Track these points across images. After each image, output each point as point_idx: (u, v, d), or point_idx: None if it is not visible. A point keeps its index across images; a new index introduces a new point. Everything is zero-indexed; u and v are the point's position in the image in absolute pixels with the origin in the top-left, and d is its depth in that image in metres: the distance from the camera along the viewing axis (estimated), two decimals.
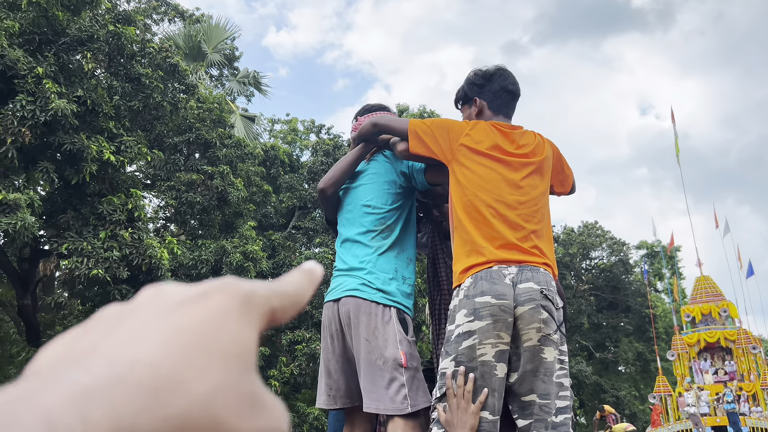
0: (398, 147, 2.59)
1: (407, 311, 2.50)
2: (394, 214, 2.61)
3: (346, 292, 2.50)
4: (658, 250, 33.78)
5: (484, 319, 2.11)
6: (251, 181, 15.29)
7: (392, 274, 2.51)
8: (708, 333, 21.72)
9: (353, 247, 2.61)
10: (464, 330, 2.13)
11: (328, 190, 2.75)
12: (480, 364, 2.11)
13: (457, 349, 2.13)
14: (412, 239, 2.67)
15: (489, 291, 2.14)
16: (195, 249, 12.67)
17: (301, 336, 15.09)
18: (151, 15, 16.93)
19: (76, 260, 9.67)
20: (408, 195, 2.67)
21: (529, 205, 2.32)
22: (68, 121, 9.32)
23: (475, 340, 2.11)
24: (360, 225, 2.63)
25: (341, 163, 2.76)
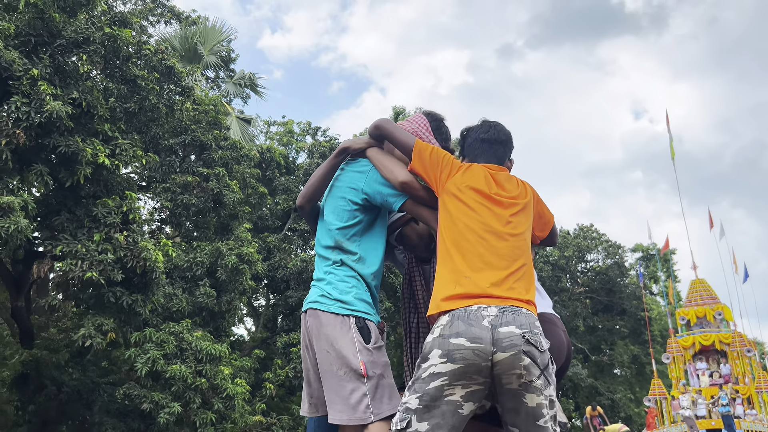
0: (395, 153, 2.58)
1: (369, 317, 2.47)
2: (351, 230, 2.58)
3: (309, 305, 2.53)
4: (653, 253, 33.84)
5: (456, 362, 2.08)
6: (247, 183, 15.27)
7: (352, 282, 2.50)
8: (703, 336, 21.75)
9: (318, 260, 2.65)
10: (436, 371, 2.11)
11: (304, 206, 2.77)
12: (445, 403, 2.11)
13: (424, 388, 2.12)
14: (376, 251, 2.62)
15: (464, 333, 2.10)
16: (190, 251, 12.65)
17: (296, 338, 15.07)
18: (147, 17, 16.89)
19: (70, 262, 9.63)
20: (369, 210, 2.61)
21: (518, 239, 2.33)
22: (63, 123, 9.28)
23: (444, 381, 2.10)
24: (323, 238, 2.64)
25: (313, 177, 2.76)
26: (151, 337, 10.67)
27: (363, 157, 2.65)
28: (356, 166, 2.65)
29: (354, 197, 2.58)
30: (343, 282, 2.50)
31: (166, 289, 11.27)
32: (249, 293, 14.30)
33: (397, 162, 2.56)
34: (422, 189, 2.48)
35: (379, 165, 2.55)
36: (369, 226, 2.62)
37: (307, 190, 2.75)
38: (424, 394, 2.12)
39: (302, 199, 2.77)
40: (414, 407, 2.13)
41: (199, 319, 12.77)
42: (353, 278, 2.52)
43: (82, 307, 11.65)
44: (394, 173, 2.48)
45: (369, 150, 2.62)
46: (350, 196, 2.59)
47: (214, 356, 11.02)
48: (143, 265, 10.14)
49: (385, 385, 2.37)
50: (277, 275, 16.41)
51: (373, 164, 2.59)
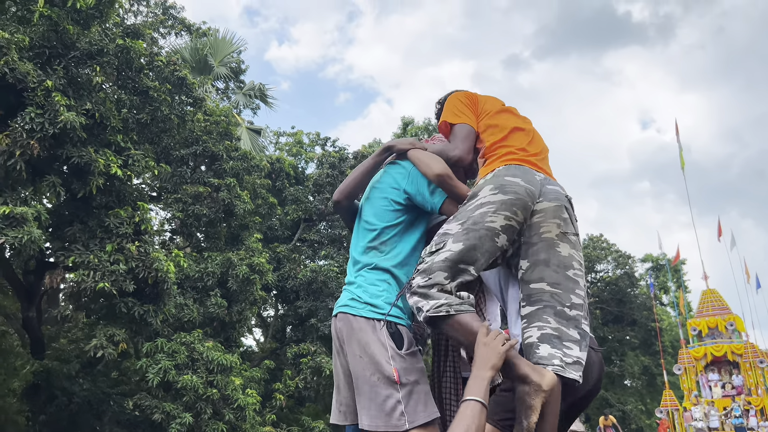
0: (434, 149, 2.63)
1: (401, 322, 2.41)
2: (393, 230, 2.54)
3: (340, 308, 2.48)
4: (663, 263, 33.65)
5: (507, 194, 2.21)
6: (257, 193, 15.30)
7: (383, 286, 2.44)
8: (715, 347, 21.57)
9: (351, 262, 2.61)
10: (485, 201, 2.23)
11: (341, 201, 2.71)
12: (485, 228, 2.19)
13: (468, 215, 2.23)
14: (411, 253, 2.56)
15: (520, 176, 2.28)
16: (201, 261, 12.66)
17: (306, 349, 15.04)
18: (158, 28, 17.02)
19: (82, 273, 9.66)
20: (411, 212, 2.57)
21: (538, 140, 2.62)
22: (76, 134, 9.33)
23: (490, 208, 2.21)
24: (360, 239, 2.60)
25: (354, 172, 2.73)
26: (162, 348, 10.66)
27: (405, 158, 2.64)
28: (398, 166, 2.64)
29: (396, 197, 2.56)
30: (374, 285, 2.45)
31: (177, 299, 11.28)
32: (259, 303, 14.29)
33: (435, 157, 2.53)
34: (458, 185, 2.46)
35: (417, 162, 2.54)
36: (409, 227, 2.58)
37: (345, 186, 2.71)
38: (467, 219, 2.21)
39: (340, 194, 2.71)
40: (453, 232, 2.21)
41: (210, 330, 12.76)
42: (384, 282, 2.46)
43: (93, 318, 11.67)
44: (430, 166, 2.47)
45: (411, 150, 2.60)
46: (392, 195, 2.57)
47: (226, 367, 11.00)
48: (155, 276, 10.16)
49: (420, 391, 2.30)
50: (287, 285, 16.39)
51: (412, 162, 2.57)
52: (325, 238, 18.06)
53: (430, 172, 2.46)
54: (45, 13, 9.46)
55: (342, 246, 17.48)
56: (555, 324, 2.17)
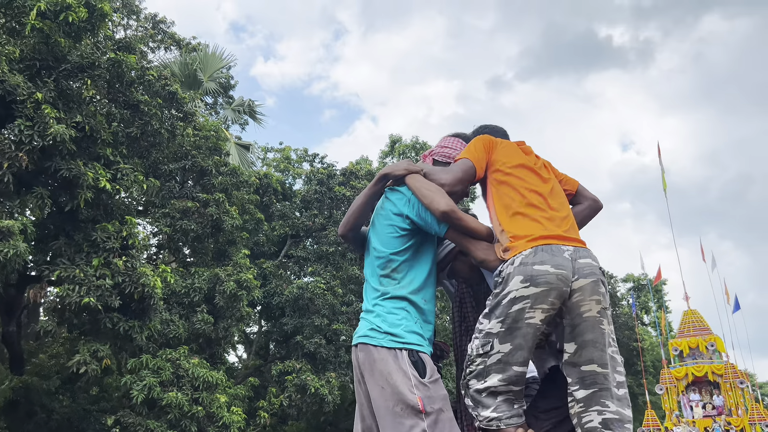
0: (433, 177, 2.60)
1: (422, 350, 2.41)
2: (401, 256, 2.54)
3: (359, 339, 2.48)
4: (645, 284, 33.93)
5: (540, 286, 2.18)
6: (245, 209, 15.23)
7: (401, 314, 2.45)
8: (696, 367, 21.74)
9: (367, 289, 2.61)
10: (518, 295, 2.20)
11: (347, 234, 2.75)
12: (525, 325, 2.20)
13: (505, 312, 2.21)
14: (426, 278, 2.57)
15: (549, 261, 2.22)
16: (188, 277, 12.54)
17: (291, 366, 14.90)
18: (148, 43, 16.98)
19: (67, 287, 9.52)
20: (417, 235, 2.58)
21: (561, 194, 2.58)
22: (66, 147, 9.25)
23: (527, 303, 2.19)
24: (372, 267, 2.61)
25: (354, 204, 2.74)
26: (147, 364, 10.52)
27: (403, 183, 2.63)
28: (397, 192, 2.64)
29: (400, 223, 2.56)
30: (392, 314, 2.45)
31: (163, 315, 11.15)
32: (246, 320, 14.16)
33: (437, 190, 2.50)
34: (463, 217, 2.46)
35: (418, 194, 2.51)
36: (418, 251, 2.59)
37: (348, 219, 2.73)
38: (506, 317, 2.21)
39: (344, 228, 2.74)
40: (496, 331, 2.22)
41: (196, 346, 12.62)
42: (402, 309, 2.46)
43: (76, 333, 11.49)
44: (434, 203, 2.44)
45: (408, 178, 2.59)
46: (396, 222, 2.57)
47: (211, 384, 10.87)
48: (141, 291, 10.04)
49: (445, 419, 2.30)
50: (273, 302, 16.27)
51: (413, 193, 2.55)
52: (311, 255, 17.97)
53: (435, 210, 2.44)
54: (36, 26, 9.40)
55: (329, 263, 17.41)
56: (615, 408, 2.22)
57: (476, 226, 2.49)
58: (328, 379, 14.66)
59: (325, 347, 15.48)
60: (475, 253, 2.47)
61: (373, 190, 2.70)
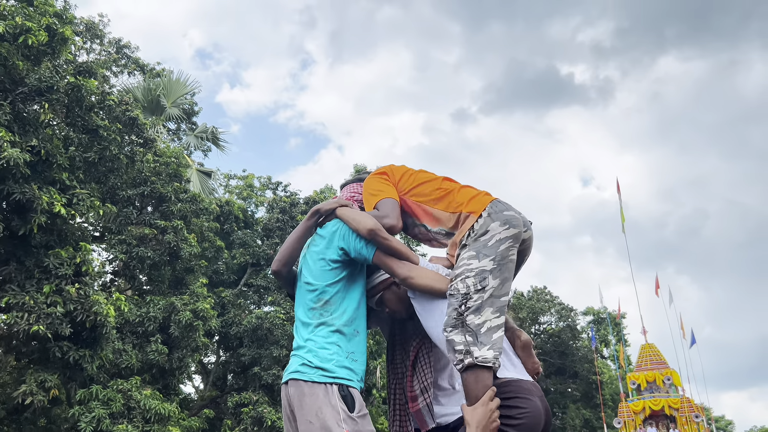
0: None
1: (352, 384, 2.46)
2: (333, 288, 2.59)
3: (290, 375, 2.50)
4: (604, 317, 34.39)
5: (516, 227, 2.53)
6: (204, 236, 15.06)
7: (333, 349, 2.49)
8: (653, 401, 22.00)
9: (299, 326, 2.64)
10: (503, 236, 2.51)
11: (281, 270, 2.79)
12: (510, 261, 2.51)
13: (496, 251, 2.48)
14: (357, 309, 2.64)
15: (512, 209, 2.62)
16: (143, 305, 12.29)
17: (248, 398, 14.64)
18: (111, 67, 16.85)
19: (16, 315, 9.24)
20: (348, 268, 2.65)
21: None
22: (20, 171, 9.06)
23: (510, 243, 2.51)
24: (303, 302, 2.65)
25: (288, 240, 2.80)
26: (97, 395, 10.21)
27: (334, 217, 2.73)
28: (328, 226, 2.71)
29: (332, 255, 2.62)
30: (323, 349, 2.48)
31: (115, 344, 10.88)
32: (202, 350, 13.89)
33: (363, 213, 2.64)
34: (389, 238, 2.58)
35: (347, 220, 2.64)
36: (349, 283, 2.65)
37: (282, 255, 2.78)
38: (497, 255, 2.48)
39: (277, 263, 2.78)
40: (490, 268, 2.45)
41: (149, 376, 12.30)
42: (334, 344, 2.50)
43: (24, 362, 11.12)
44: (360, 223, 2.57)
45: (338, 209, 2.72)
46: (328, 255, 2.63)
47: (163, 416, 10.59)
48: (94, 320, 9.80)
49: None
50: (231, 332, 16.01)
51: (343, 220, 2.66)
52: (272, 284, 17.79)
53: (362, 228, 2.55)
54: None
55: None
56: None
57: (401, 247, 2.59)
58: None
59: None
60: (398, 271, 2.55)
61: (306, 225, 2.78)
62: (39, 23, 9.83)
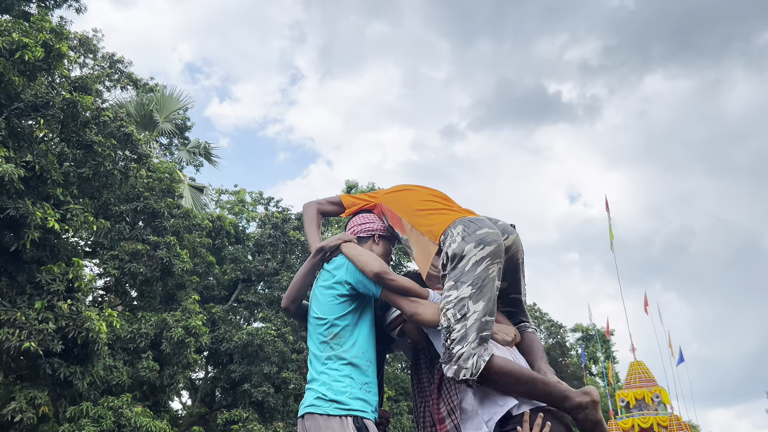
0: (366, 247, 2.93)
1: (366, 416, 2.51)
2: (342, 321, 2.65)
3: (306, 409, 2.56)
4: (593, 334, 34.49)
5: (491, 244, 2.51)
6: (196, 252, 15.01)
7: (346, 381, 2.55)
8: (642, 418, 22.01)
9: (312, 359, 2.70)
10: (478, 257, 2.49)
11: (289, 307, 2.87)
12: (491, 281, 2.48)
13: (473, 275, 2.46)
14: (367, 340, 2.70)
15: (485, 225, 2.59)
16: (134, 321, 12.21)
17: (237, 415, 14.52)
18: (104, 81, 16.86)
19: (7, 331, 9.16)
20: (356, 300, 2.71)
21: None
22: (14, 186, 9.04)
23: (488, 262, 2.49)
24: (314, 336, 2.71)
25: (295, 278, 2.89)
26: (87, 412, 10.11)
27: (339, 253, 2.80)
28: (335, 261, 2.78)
29: (340, 290, 2.69)
30: (337, 382, 2.54)
31: (107, 361, 10.79)
32: (193, 367, 13.80)
33: (370, 254, 2.71)
34: (396, 278, 2.63)
35: (353, 260, 2.69)
36: (358, 314, 2.70)
37: (290, 292, 2.86)
38: (474, 280, 2.45)
39: (287, 300, 2.86)
40: (468, 294, 2.44)
41: (139, 393, 12.20)
42: (347, 377, 2.56)
43: (12, 378, 11.00)
44: (367, 266, 2.62)
45: (343, 246, 2.78)
46: (336, 290, 2.69)
47: None
48: (85, 336, 9.73)
49: None
50: (221, 348, 15.91)
51: (348, 259, 2.72)
52: (263, 300, 17.73)
53: (368, 272, 2.61)
54: None
55: (280, 308, 17.19)
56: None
57: (408, 285, 2.64)
58: (276, 429, 14.32)
59: (274, 396, 15.17)
60: (405, 308, 2.60)
61: (312, 263, 2.85)
62: (35, 39, 9.85)
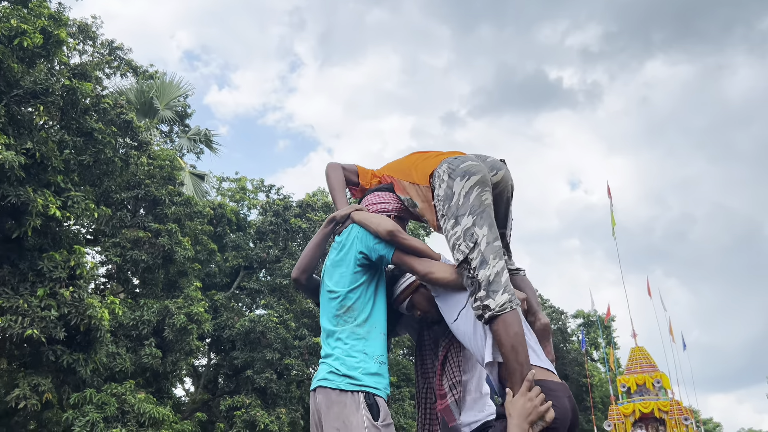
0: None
1: (378, 392, 2.48)
2: (356, 293, 2.62)
3: (318, 382, 2.54)
4: (594, 320, 34.56)
5: (477, 173, 2.50)
6: (198, 239, 15.02)
7: (359, 357, 2.52)
8: (643, 404, 22.14)
9: (325, 334, 2.66)
10: (467, 188, 2.48)
11: (299, 277, 2.82)
12: (487, 205, 2.48)
13: (467, 205, 2.45)
14: (382, 313, 2.66)
15: (468, 158, 2.59)
16: (136, 309, 12.24)
17: (240, 401, 14.60)
18: (104, 69, 16.78)
19: (9, 318, 9.19)
20: (369, 271, 2.67)
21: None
22: (14, 173, 9.02)
23: (477, 189, 2.48)
24: (327, 310, 2.67)
25: (306, 249, 2.85)
26: (91, 399, 10.17)
27: (351, 222, 2.74)
28: (345, 233, 2.73)
29: (352, 260, 2.64)
30: (350, 357, 2.51)
31: (109, 348, 10.83)
32: (195, 354, 13.85)
33: (381, 216, 2.68)
34: (408, 237, 2.61)
35: (365, 222, 2.65)
36: (371, 287, 2.67)
37: (301, 262, 2.82)
38: (471, 208, 2.45)
39: (297, 271, 2.82)
40: (471, 223, 2.42)
41: (142, 380, 12.26)
42: (360, 351, 2.52)
43: (15, 365, 11.05)
44: (380, 226, 2.59)
45: (354, 213, 2.73)
46: (348, 260, 2.65)
47: (157, 420, 10.56)
48: (88, 323, 9.76)
49: None
50: (223, 335, 15.97)
51: (359, 224, 2.68)
52: (264, 287, 17.75)
53: (382, 230, 2.58)
54: None
55: (282, 295, 17.21)
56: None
57: (420, 246, 2.61)
58: (278, 415, 14.40)
59: (276, 382, 15.23)
60: (418, 268, 2.56)
61: (323, 233, 2.82)
62: (34, 25, 9.80)
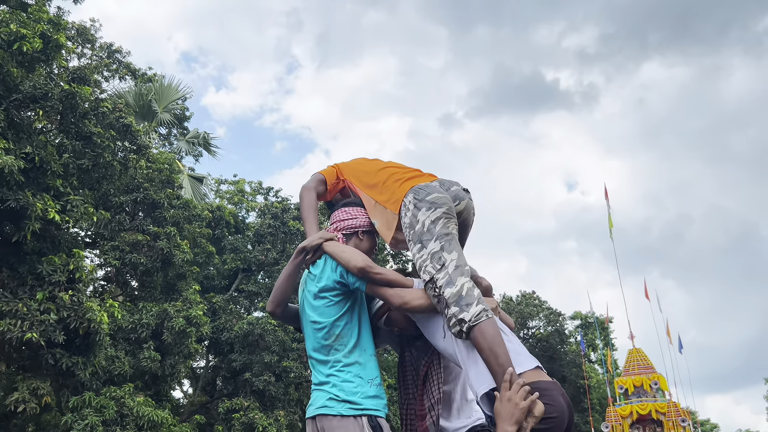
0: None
1: (379, 413, 2.54)
2: (342, 320, 2.64)
3: (318, 410, 2.56)
4: (592, 321, 34.63)
5: (442, 205, 2.61)
6: (196, 242, 15.05)
7: (356, 381, 2.56)
8: (640, 405, 22.18)
9: (314, 363, 2.69)
10: (433, 218, 2.58)
11: (275, 311, 2.85)
12: (452, 234, 2.59)
13: (433, 232, 2.55)
14: (368, 335, 2.71)
15: (434, 190, 2.67)
16: (135, 312, 12.26)
17: (238, 404, 14.62)
18: (102, 71, 16.81)
19: (9, 322, 9.21)
20: (349, 298, 2.69)
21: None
22: (14, 178, 9.05)
23: (442, 220, 2.58)
24: (314, 341, 2.68)
25: (279, 281, 2.86)
26: (90, 402, 10.19)
27: (322, 253, 2.73)
28: (319, 263, 2.73)
29: (330, 290, 2.66)
30: (347, 382, 2.55)
31: (108, 351, 10.86)
32: (194, 357, 13.87)
33: (352, 250, 2.67)
34: (381, 271, 2.61)
35: (336, 257, 2.65)
36: (355, 312, 2.70)
37: (274, 296, 2.83)
38: (437, 235, 2.55)
39: (272, 304, 2.84)
40: (438, 248, 2.52)
41: (141, 383, 12.28)
42: (356, 376, 2.57)
43: (14, 368, 11.06)
44: (351, 262, 2.59)
45: (325, 245, 2.71)
46: (326, 291, 2.66)
47: (156, 423, 10.58)
48: (87, 326, 9.78)
49: None
50: (221, 337, 16.00)
51: (331, 257, 2.67)
52: (263, 289, 17.79)
53: (353, 268, 2.58)
54: None
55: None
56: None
57: (393, 277, 2.63)
58: (277, 418, 14.43)
59: (275, 385, 15.26)
60: (393, 300, 2.59)
61: (294, 264, 2.80)
62: (33, 30, 9.83)
